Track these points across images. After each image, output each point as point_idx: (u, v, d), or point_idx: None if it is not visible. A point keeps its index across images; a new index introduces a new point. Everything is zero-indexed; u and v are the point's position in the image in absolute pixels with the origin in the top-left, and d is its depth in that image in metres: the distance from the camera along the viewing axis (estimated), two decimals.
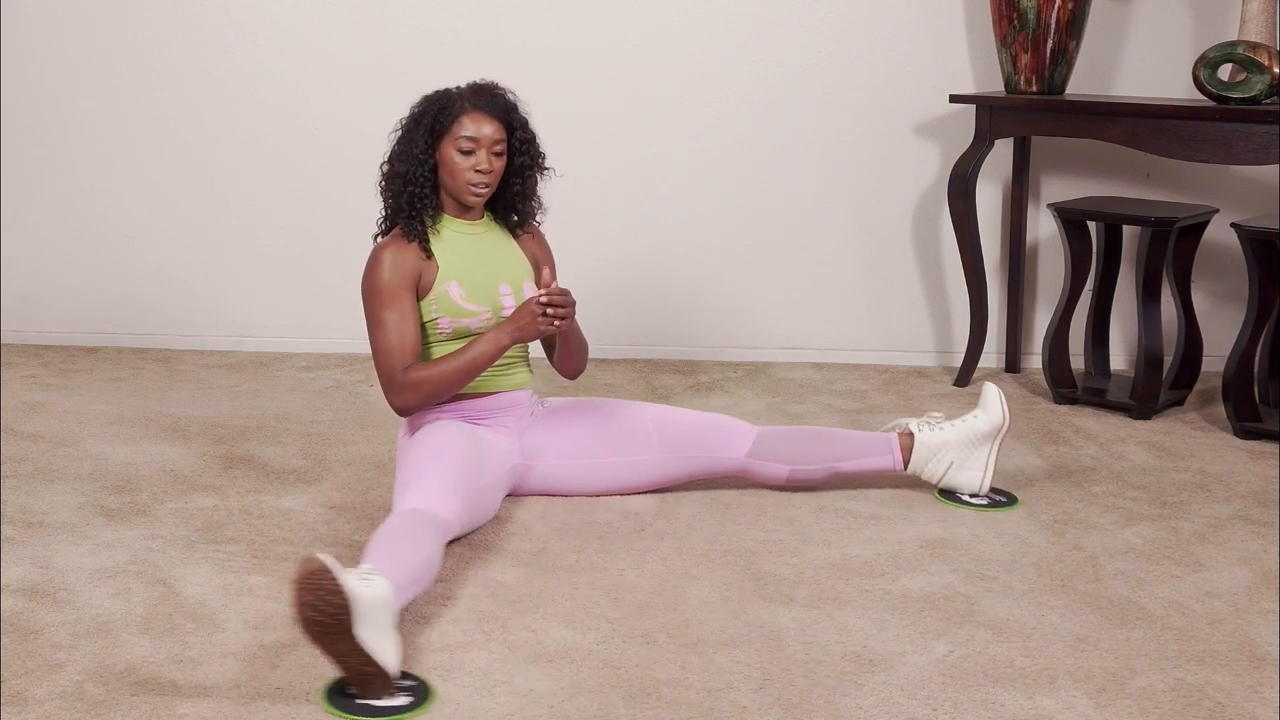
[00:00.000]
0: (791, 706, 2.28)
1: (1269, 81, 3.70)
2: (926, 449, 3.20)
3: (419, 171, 3.02)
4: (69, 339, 4.64)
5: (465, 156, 3.01)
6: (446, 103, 3.03)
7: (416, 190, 3.03)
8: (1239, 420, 3.75)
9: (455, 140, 3.00)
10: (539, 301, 2.92)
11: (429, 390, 2.97)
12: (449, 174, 3.03)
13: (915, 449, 3.21)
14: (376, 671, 2.24)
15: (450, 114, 3.01)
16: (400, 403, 2.99)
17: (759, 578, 2.79)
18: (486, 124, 3.01)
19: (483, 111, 3.01)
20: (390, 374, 2.98)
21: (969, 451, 3.20)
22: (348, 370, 4.36)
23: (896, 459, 3.22)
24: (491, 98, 3.04)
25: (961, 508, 3.20)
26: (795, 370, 4.44)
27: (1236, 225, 3.73)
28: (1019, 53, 4.04)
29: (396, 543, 2.52)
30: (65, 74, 4.50)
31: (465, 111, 3.01)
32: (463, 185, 3.03)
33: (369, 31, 4.43)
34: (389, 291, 2.99)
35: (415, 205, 3.03)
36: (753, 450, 3.20)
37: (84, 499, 3.18)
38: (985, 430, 3.19)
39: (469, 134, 2.99)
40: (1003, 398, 3.20)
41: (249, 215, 4.56)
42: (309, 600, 2.18)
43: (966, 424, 3.20)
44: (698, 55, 4.41)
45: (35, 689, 2.30)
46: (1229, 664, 2.45)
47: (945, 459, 3.20)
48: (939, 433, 3.21)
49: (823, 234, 4.50)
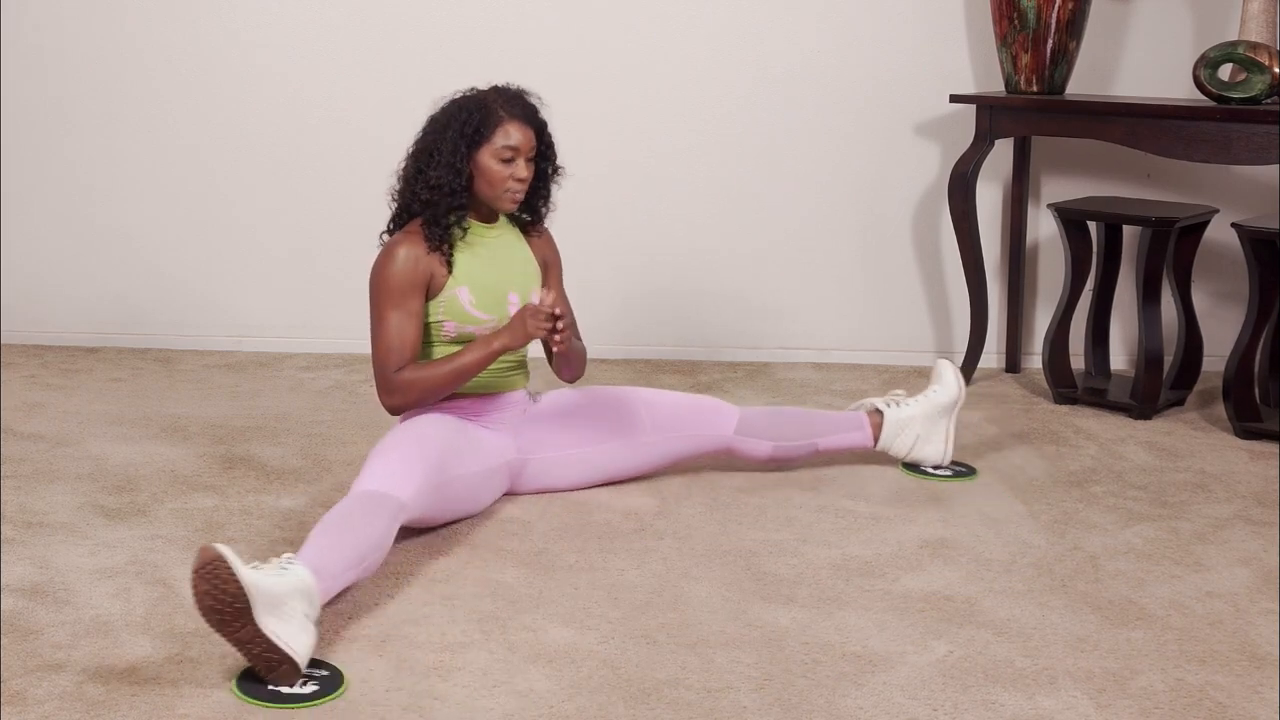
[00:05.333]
0: (791, 706, 2.28)
1: (1269, 81, 3.70)
2: (894, 424, 3.37)
3: (456, 181, 2.98)
4: (69, 339, 4.64)
5: (505, 165, 2.99)
6: (484, 111, 2.98)
7: (455, 201, 2.99)
8: (1239, 420, 3.75)
9: (496, 150, 2.98)
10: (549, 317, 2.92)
11: (419, 392, 2.98)
12: (488, 183, 3.01)
13: (884, 425, 3.38)
14: (281, 659, 2.27)
15: (490, 123, 2.98)
16: (390, 402, 3.00)
17: (759, 578, 2.79)
18: (524, 132, 3.00)
19: (519, 120, 3.00)
20: (385, 372, 2.98)
21: (931, 425, 3.38)
22: (348, 370, 4.35)
23: (868, 435, 3.38)
24: (525, 105, 3.03)
25: (926, 478, 3.37)
26: (795, 370, 4.45)
27: (1236, 225, 3.73)
28: (1019, 53, 4.04)
29: (340, 528, 2.55)
30: (65, 74, 4.50)
31: (505, 121, 2.99)
32: (500, 194, 3.02)
33: (369, 31, 4.43)
34: (398, 290, 2.98)
35: (450, 215, 3.00)
36: (738, 428, 3.29)
37: (84, 499, 3.18)
38: (945, 403, 3.38)
39: (511, 144, 2.98)
40: (957, 372, 3.40)
41: (249, 215, 4.56)
42: (205, 589, 2.24)
43: (928, 398, 3.39)
44: (698, 55, 4.41)
45: (35, 689, 2.30)
46: (1229, 664, 2.45)
47: (911, 433, 3.38)
48: (904, 409, 3.39)
49: (823, 234, 4.50)
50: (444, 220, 3.00)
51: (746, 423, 3.30)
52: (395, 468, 2.77)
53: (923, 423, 3.37)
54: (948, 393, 3.38)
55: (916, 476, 3.37)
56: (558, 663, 2.42)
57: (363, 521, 2.59)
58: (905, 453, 3.39)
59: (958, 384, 3.38)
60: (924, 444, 3.38)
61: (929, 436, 3.38)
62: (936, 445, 3.38)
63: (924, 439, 3.38)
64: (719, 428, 3.28)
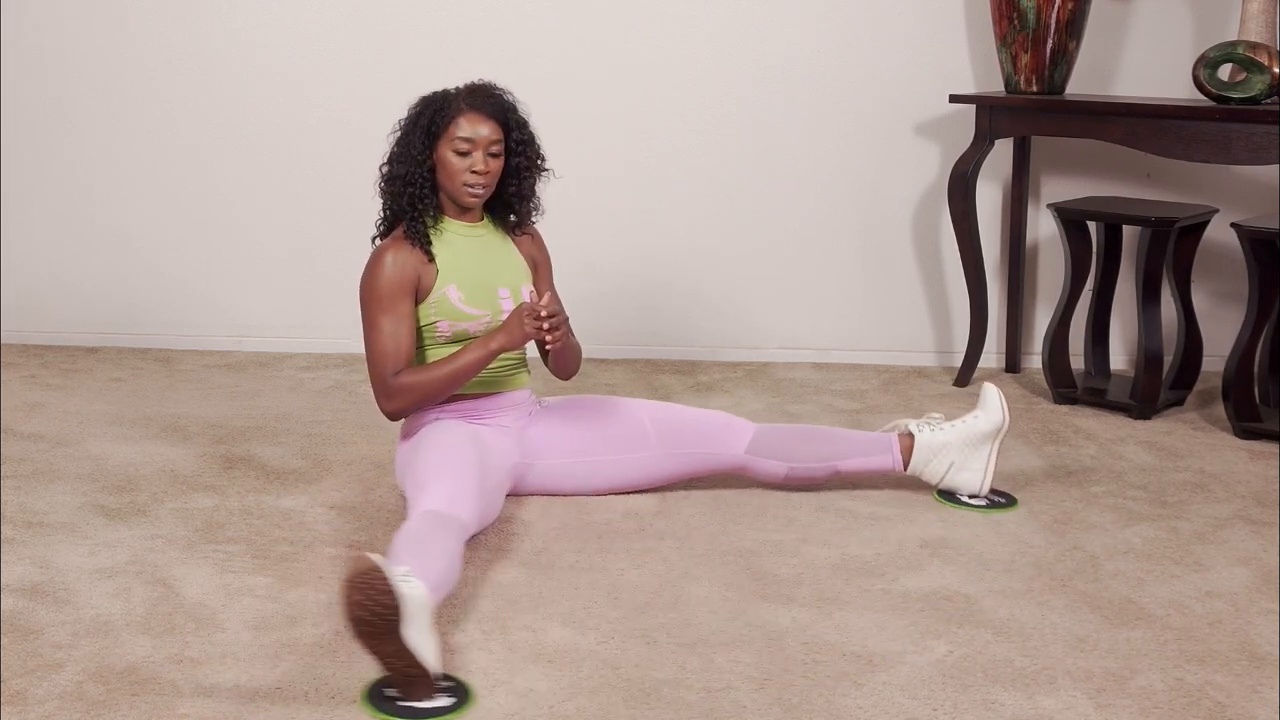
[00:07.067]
0: (791, 706, 2.28)
1: (1269, 81, 3.70)
2: (927, 450, 3.19)
3: (417, 173, 3.01)
4: (69, 339, 4.64)
5: (461, 158, 3.00)
6: (443, 104, 3.01)
7: (416, 192, 3.02)
8: (1239, 420, 3.75)
9: (451, 141, 2.99)
10: (537, 317, 2.92)
11: (418, 396, 2.97)
12: (446, 175, 3.02)
13: (915, 450, 3.20)
14: (421, 673, 2.23)
15: (447, 115, 3.00)
16: (389, 407, 2.99)
17: (759, 578, 2.79)
18: (483, 125, 3.00)
19: (479, 112, 3.00)
20: (382, 378, 2.98)
21: (969, 452, 3.19)
22: (348, 370, 4.35)
23: (896, 460, 3.21)
24: (489, 98, 3.03)
25: (961, 509, 3.19)
26: (795, 370, 4.44)
27: (1236, 225, 3.73)
28: (1019, 53, 4.04)
29: (423, 544, 2.50)
30: (66, 74, 4.50)
31: (461, 112, 2.99)
32: (459, 187, 3.02)
33: (369, 31, 4.43)
34: (387, 295, 2.98)
35: (415, 207, 3.03)
36: (751, 447, 3.20)
37: (84, 499, 3.18)
38: (985, 431, 3.18)
39: (465, 135, 2.98)
40: (1002, 398, 3.19)
41: (249, 215, 4.56)
42: (359, 600, 2.16)
43: (966, 424, 3.19)
44: (698, 55, 4.41)
45: (35, 689, 2.30)
46: (1229, 664, 2.45)
47: (946, 460, 3.19)
48: (939, 433, 3.20)
49: (823, 234, 4.51)
50: (412, 213, 3.02)
51: (759, 442, 3.20)
52: (451, 489, 2.74)
53: (958, 449, 3.18)
54: (991, 420, 3.17)
55: (951, 506, 3.20)
56: (558, 663, 2.42)
57: (440, 541, 2.54)
58: (938, 479, 3.21)
59: (1002, 411, 3.17)
60: (959, 471, 3.19)
61: (965, 464, 3.19)
62: (973, 474, 3.19)
63: (959, 466, 3.19)
64: (730, 446, 3.20)
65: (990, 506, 3.20)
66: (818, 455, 3.21)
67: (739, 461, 3.21)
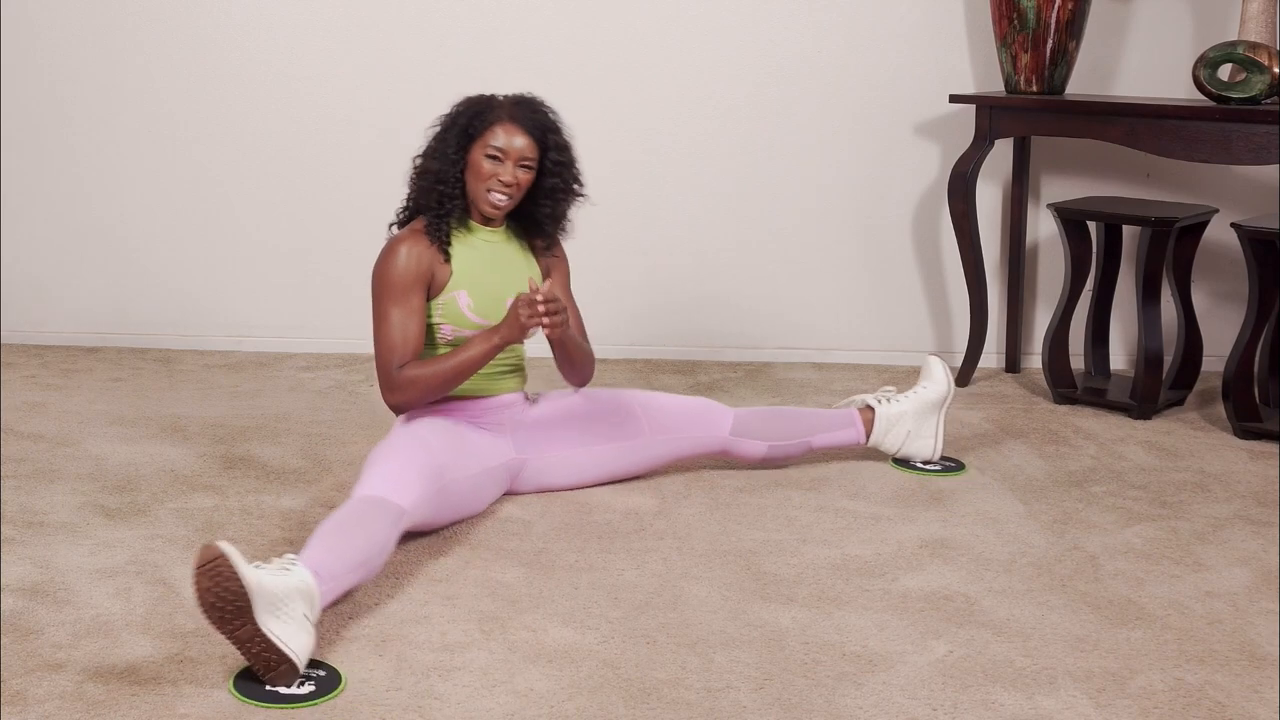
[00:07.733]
0: (791, 706, 2.28)
1: (1269, 81, 3.70)
2: (886, 421, 3.42)
3: (449, 172, 3.02)
4: (69, 339, 4.64)
5: (492, 164, 3.00)
6: (484, 108, 3.02)
7: (446, 190, 3.02)
8: (1239, 420, 3.75)
9: (485, 147, 2.99)
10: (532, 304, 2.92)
11: (422, 389, 2.98)
12: (475, 177, 3.02)
13: (876, 421, 3.42)
14: (280, 659, 2.28)
15: (485, 120, 3.00)
16: (393, 400, 3.00)
17: (759, 578, 2.79)
18: (519, 137, 3.00)
19: (517, 124, 3.00)
20: (387, 370, 2.99)
21: (921, 421, 3.43)
22: (348, 370, 4.36)
23: (860, 432, 3.42)
24: (531, 113, 3.03)
25: (916, 473, 3.41)
26: (795, 370, 4.45)
27: (1236, 225, 3.73)
28: (1019, 53, 4.04)
29: (341, 531, 2.55)
30: (65, 73, 4.50)
31: (500, 121, 3.00)
32: (483, 194, 3.02)
33: (370, 31, 4.43)
34: (400, 287, 2.98)
35: (442, 205, 3.03)
36: (733, 429, 3.32)
37: (84, 499, 3.18)
38: (934, 399, 3.43)
39: (499, 144, 2.99)
40: (946, 368, 3.46)
41: (249, 215, 4.56)
42: (207, 587, 2.24)
43: (918, 395, 3.44)
44: (698, 55, 4.41)
45: (35, 689, 2.30)
46: (1229, 664, 2.45)
47: (903, 429, 3.42)
48: (895, 405, 3.43)
49: (823, 234, 4.51)
50: (438, 210, 3.02)
51: (741, 423, 3.32)
52: (396, 474, 2.77)
53: (913, 419, 3.42)
54: (937, 389, 3.42)
55: (907, 472, 3.41)
56: (558, 663, 2.42)
57: (365, 526, 2.58)
58: (896, 448, 3.44)
59: (947, 380, 3.44)
60: (914, 440, 3.42)
61: (919, 432, 3.42)
62: (926, 441, 3.43)
63: (914, 435, 3.42)
64: (715, 429, 3.31)
65: (943, 470, 3.43)
66: (793, 433, 3.38)
67: (724, 443, 3.32)
